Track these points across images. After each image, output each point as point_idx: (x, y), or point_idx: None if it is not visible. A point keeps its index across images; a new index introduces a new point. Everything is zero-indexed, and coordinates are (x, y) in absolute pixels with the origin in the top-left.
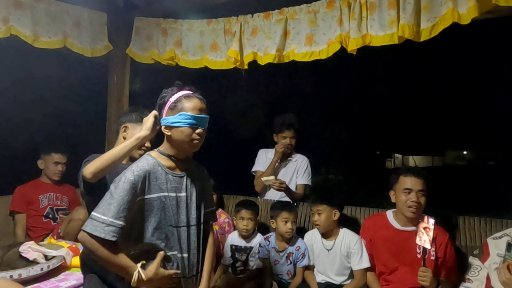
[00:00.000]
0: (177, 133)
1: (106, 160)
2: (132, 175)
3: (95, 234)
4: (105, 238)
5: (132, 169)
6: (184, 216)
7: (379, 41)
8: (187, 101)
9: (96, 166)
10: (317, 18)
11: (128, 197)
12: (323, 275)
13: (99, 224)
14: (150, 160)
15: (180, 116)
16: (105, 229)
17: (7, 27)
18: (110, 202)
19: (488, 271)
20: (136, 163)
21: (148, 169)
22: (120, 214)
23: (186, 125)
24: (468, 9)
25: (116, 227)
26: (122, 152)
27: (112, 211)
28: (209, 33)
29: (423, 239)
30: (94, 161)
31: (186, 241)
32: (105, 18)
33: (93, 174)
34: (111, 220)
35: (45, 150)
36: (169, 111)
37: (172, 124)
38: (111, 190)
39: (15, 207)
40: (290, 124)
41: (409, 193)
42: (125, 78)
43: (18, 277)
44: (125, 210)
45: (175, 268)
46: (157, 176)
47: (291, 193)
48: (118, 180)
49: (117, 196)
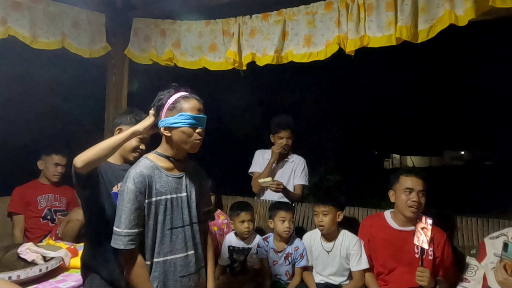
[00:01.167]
0: (177, 133)
1: (98, 151)
2: (133, 184)
3: (116, 247)
4: (125, 248)
5: (132, 177)
6: (187, 215)
7: (377, 43)
8: (185, 101)
9: (87, 155)
10: (315, 19)
11: (135, 205)
12: (322, 276)
13: (117, 237)
14: (148, 163)
15: (180, 117)
16: (123, 240)
17: (5, 28)
18: (120, 214)
19: (485, 271)
20: (134, 169)
21: (147, 174)
22: (132, 223)
23: (186, 125)
24: (465, 10)
25: (132, 235)
26: (115, 144)
27: (124, 223)
28: (207, 34)
29: (421, 239)
30: (85, 151)
31: (190, 239)
32: (103, 19)
33: (84, 163)
34: (125, 231)
35: (46, 151)
36: (167, 112)
37: (172, 125)
38: (119, 202)
39: (13, 208)
40: (286, 124)
41: (410, 193)
42: (124, 79)
43: (16, 278)
44: (135, 218)
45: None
46: (157, 179)
47: (289, 194)
48: (122, 191)
49: (125, 208)
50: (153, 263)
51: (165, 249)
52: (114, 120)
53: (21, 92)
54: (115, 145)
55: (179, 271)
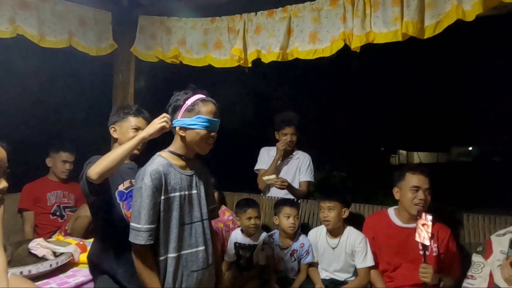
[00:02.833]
0: (192, 134)
1: (111, 162)
2: (151, 181)
3: (137, 242)
4: (146, 244)
5: (149, 174)
6: (198, 212)
7: (383, 38)
8: (203, 105)
9: (101, 168)
10: (320, 16)
11: (153, 201)
12: (328, 272)
13: (137, 233)
14: (163, 161)
15: (197, 119)
16: (143, 236)
17: (13, 27)
18: (140, 210)
19: (491, 268)
20: (150, 166)
21: (163, 171)
22: (152, 219)
23: (202, 128)
24: (472, 5)
25: (151, 231)
26: (126, 153)
27: (144, 219)
28: (213, 31)
29: (422, 236)
30: (98, 162)
31: (202, 234)
32: (109, 17)
33: (99, 175)
34: (146, 226)
35: (54, 148)
36: (185, 113)
37: (188, 126)
38: (135, 198)
39: (23, 204)
40: (290, 120)
41: (417, 191)
42: (130, 77)
43: (28, 273)
44: (154, 214)
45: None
46: (172, 176)
47: (294, 190)
48: (140, 188)
49: (144, 204)
50: (167, 258)
51: (179, 244)
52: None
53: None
54: (126, 154)
55: (190, 266)
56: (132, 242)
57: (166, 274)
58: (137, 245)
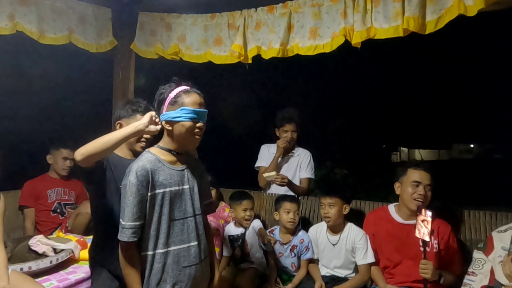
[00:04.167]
0: (178, 127)
1: (98, 144)
2: (135, 178)
3: (120, 239)
4: (129, 241)
5: (134, 171)
6: (190, 207)
7: (384, 34)
8: (187, 96)
9: (86, 149)
10: (321, 11)
11: (137, 198)
12: (328, 269)
13: (122, 229)
14: (151, 157)
15: (181, 111)
16: (126, 233)
17: (13, 23)
18: (124, 207)
19: (492, 264)
20: (136, 163)
21: (150, 168)
22: (135, 216)
23: (187, 119)
24: (474, 0)
25: (134, 228)
26: (116, 139)
27: (127, 216)
28: (213, 27)
29: (422, 232)
30: (86, 144)
31: (194, 230)
32: (109, 13)
33: (83, 156)
34: (129, 223)
35: (55, 145)
36: (169, 106)
37: (173, 119)
38: (122, 195)
39: (24, 201)
40: (290, 117)
41: (417, 186)
42: (130, 73)
43: (28, 269)
44: (138, 211)
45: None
46: (160, 172)
47: (294, 187)
48: (125, 185)
49: (127, 201)
50: (155, 253)
51: (169, 240)
52: (113, 115)
53: (30, 88)
54: (116, 140)
55: (182, 262)
56: (120, 241)
57: (153, 270)
58: (121, 241)
